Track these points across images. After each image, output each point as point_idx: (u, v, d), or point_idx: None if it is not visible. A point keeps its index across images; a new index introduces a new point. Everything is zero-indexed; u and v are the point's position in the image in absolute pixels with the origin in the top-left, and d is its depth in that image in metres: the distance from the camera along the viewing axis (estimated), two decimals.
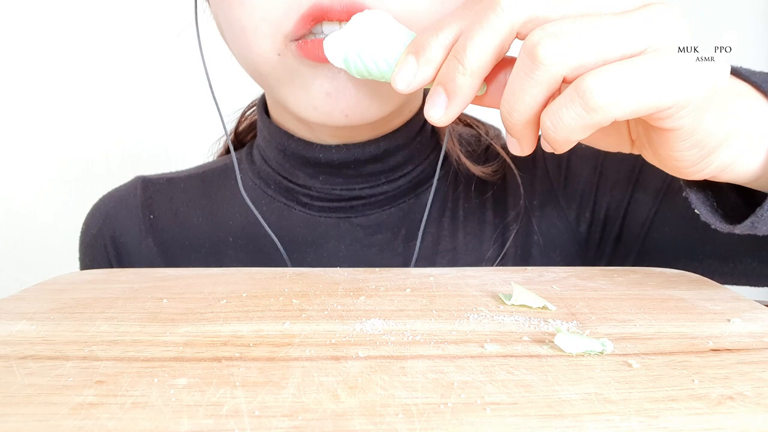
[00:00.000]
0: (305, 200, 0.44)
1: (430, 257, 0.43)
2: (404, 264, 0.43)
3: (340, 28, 0.30)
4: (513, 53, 0.25)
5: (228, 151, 0.52)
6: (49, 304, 0.29)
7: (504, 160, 0.45)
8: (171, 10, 0.47)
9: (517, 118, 0.24)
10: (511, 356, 0.22)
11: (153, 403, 0.19)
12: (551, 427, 0.17)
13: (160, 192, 0.48)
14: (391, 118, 0.41)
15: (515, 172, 0.45)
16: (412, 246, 0.43)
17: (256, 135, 0.49)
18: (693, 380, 0.20)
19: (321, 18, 0.31)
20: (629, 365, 0.21)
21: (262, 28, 0.33)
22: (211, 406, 0.18)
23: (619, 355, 0.22)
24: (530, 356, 0.22)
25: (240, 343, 0.23)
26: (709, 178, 0.28)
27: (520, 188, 0.44)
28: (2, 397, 0.19)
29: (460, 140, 0.47)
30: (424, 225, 0.43)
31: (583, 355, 0.22)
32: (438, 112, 0.25)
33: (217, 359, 0.22)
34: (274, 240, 0.42)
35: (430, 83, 0.26)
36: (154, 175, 0.49)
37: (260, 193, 0.45)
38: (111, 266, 0.46)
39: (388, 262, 0.43)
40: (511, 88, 0.23)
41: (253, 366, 0.21)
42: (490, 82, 0.27)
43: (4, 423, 0.18)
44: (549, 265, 0.42)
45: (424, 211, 0.43)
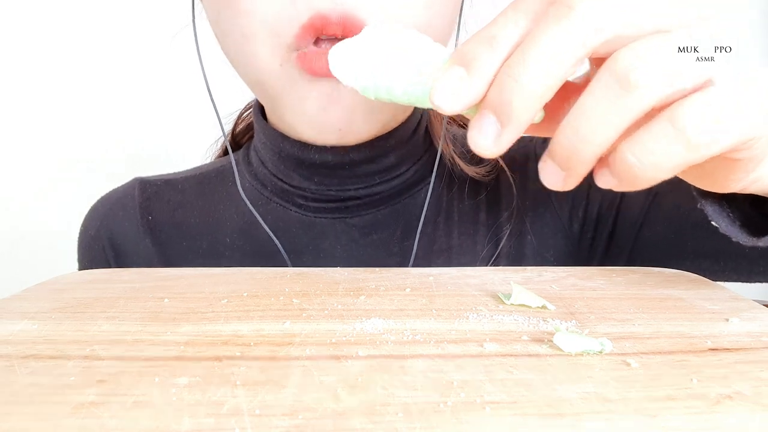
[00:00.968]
0: (301, 201, 0.44)
1: (425, 257, 0.44)
2: (400, 264, 0.43)
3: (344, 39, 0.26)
4: None
5: (225, 152, 0.53)
6: (51, 304, 0.29)
7: (497, 161, 0.46)
8: (171, 11, 0.47)
9: (590, 152, 0.20)
10: (511, 355, 0.22)
11: (154, 403, 0.19)
12: (550, 426, 0.17)
13: (158, 193, 0.48)
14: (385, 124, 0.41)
15: (508, 174, 0.45)
16: (407, 246, 0.43)
17: (253, 136, 0.49)
18: (691, 379, 0.20)
19: (321, 30, 0.32)
20: (628, 364, 0.21)
21: (263, 37, 0.33)
22: (212, 405, 0.18)
23: (618, 355, 0.22)
24: (529, 355, 0.22)
25: (241, 343, 0.24)
26: (739, 191, 0.26)
27: (513, 189, 0.45)
28: (4, 397, 0.19)
29: (454, 141, 0.47)
30: (409, 225, 0.44)
31: (582, 355, 0.22)
32: (487, 143, 0.21)
33: (218, 358, 0.22)
34: (275, 241, 0.43)
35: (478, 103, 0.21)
36: (152, 177, 0.50)
37: (257, 194, 0.45)
38: (109, 267, 0.46)
39: (383, 262, 0.43)
40: (586, 117, 0.19)
41: (254, 365, 0.21)
42: (549, 107, 0.22)
43: (6, 422, 0.18)
44: (542, 265, 0.43)
45: (418, 211, 0.44)
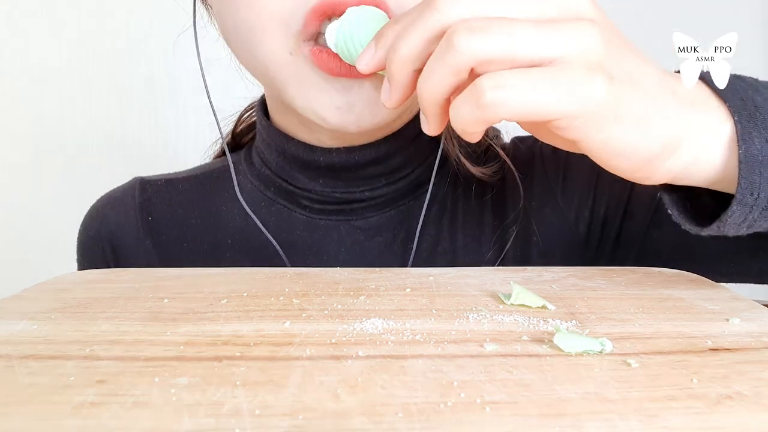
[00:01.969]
0: (305, 203, 0.43)
1: (429, 259, 0.43)
2: (404, 266, 0.43)
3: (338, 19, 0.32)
4: None
5: (224, 153, 0.52)
6: (51, 304, 0.29)
7: (503, 161, 0.45)
8: (171, 13, 0.47)
9: (426, 97, 0.25)
10: (511, 355, 0.22)
11: (154, 403, 0.19)
12: (550, 426, 0.17)
13: (159, 193, 0.47)
14: (391, 121, 0.41)
15: (514, 174, 0.45)
16: (411, 248, 0.43)
17: (255, 137, 0.49)
18: (692, 380, 0.20)
19: (330, 13, 0.32)
20: (628, 365, 0.21)
21: (272, 27, 0.33)
22: (212, 405, 0.18)
23: (618, 355, 0.22)
24: (529, 356, 0.22)
25: (241, 343, 0.24)
26: (668, 183, 0.29)
27: (519, 190, 0.44)
28: (4, 397, 0.19)
29: (460, 141, 0.47)
30: (422, 227, 0.43)
31: (582, 355, 0.22)
32: (384, 97, 0.28)
33: (218, 359, 0.22)
34: (274, 244, 0.42)
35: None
36: (153, 177, 0.49)
37: (259, 195, 0.45)
38: (108, 267, 0.46)
39: (387, 264, 0.43)
40: (427, 68, 0.25)
41: (254, 365, 0.21)
42: None
43: (6, 422, 0.18)
44: (549, 265, 0.42)
45: (422, 214, 0.43)
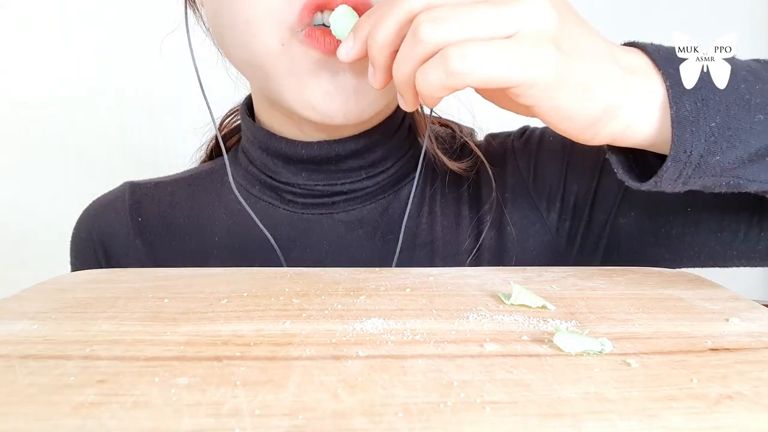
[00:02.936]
0: (289, 197, 0.45)
1: (408, 251, 0.45)
2: (384, 259, 0.44)
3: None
4: None
5: (210, 157, 0.54)
6: (51, 304, 0.29)
7: (478, 156, 0.47)
8: (171, 12, 0.48)
9: (400, 78, 0.29)
10: (511, 355, 0.22)
11: (154, 403, 0.19)
12: (550, 426, 0.17)
13: (148, 195, 0.49)
14: (374, 114, 0.42)
15: (487, 167, 0.46)
16: (391, 240, 0.45)
17: (239, 140, 0.50)
18: (692, 380, 0.20)
19: (322, 7, 0.33)
20: (628, 365, 0.21)
21: (267, 19, 0.34)
22: (212, 405, 0.18)
23: (618, 355, 0.22)
24: (529, 356, 0.22)
25: (241, 343, 0.24)
26: (609, 143, 0.32)
27: (492, 183, 0.46)
28: (3, 397, 0.19)
29: (437, 138, 0.48)
30: (391, 219, 0.45)
31: (582, 355, 0.22)
32: (370, 78, 0.31)
33: (218, 358, 0.22)
34: (269, 238, 0.43)
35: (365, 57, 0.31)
36: (142, 180, 0.51)
37: (245, 194, 0.46)
38: (100, 268, 0.47)
39: (368, 257, 0.44)
40: (400, 55, 0.28)
41: (254, 365, 0.21)
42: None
43: (6, 422, 0.18)
44: (523, 255, 0.45)
45: (402, 207, 0.45)
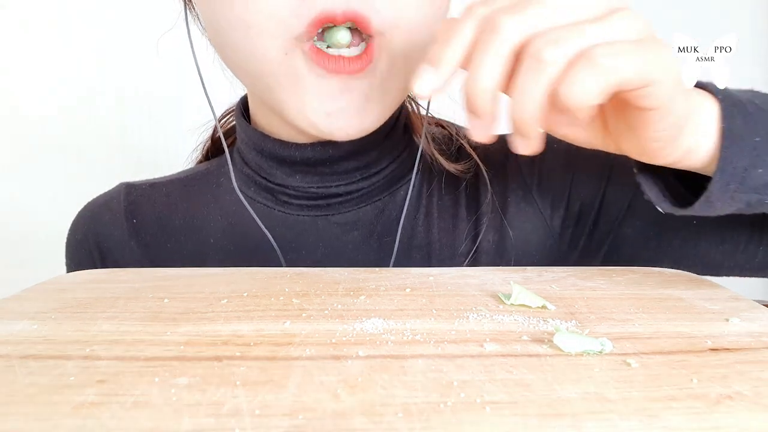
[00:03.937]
0: (284, 199, 0.44)
1: (405, 252, 0.44)
2: (380, 261, 0.44)
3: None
4: None
5: (206, 158, 0.54)
6: (51, 304, 0.29)
7: (475, 158, 0.47)
8: (171, 12, 0.48)
9: (527, 118, 0.25)
10: (511, 355, 0.22)
11: (154, 403, 0.19)
12: (550, 426, 0.17)
13: (143, 196, 0.49)
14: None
15: (483, 170, 0.46)
16: (387, 242, 0.44)
17: (233, 143, 0.50)
18: (692, 380, 0.20)
19: (330, 22, 0.33)
20: (628, 365, 0.21)
21: (269, 26, 0.33)
22: (212, 405, 0.18)
23: (618, 355, 0.22)
24: (529, 355, 0.22)
25: (241, 343, 0.24)
26: (673, 163, 0.31)
27: (489, 185, 0.46)
28: (4, 397, 0.19)
29: (434, 139, 0.48)
30: (387, 221, 0.45)
31: (582, 355, 0.22)
32: (479, 134, 0.28)
33: (218, 359, 0.22)
34: (269, 238, 0.43)
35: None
36: (138, 181, 0.51)
37: (240, 194, 0.46)
38: (96, 269, 0.47)
39: (364, 259, 0.44)
40: (522, 90, 0.25)
41: (254, 365, 0.21)
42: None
43: (6, 422, 0.18)
44: (523, 258, 0.44)
45: (398, 209, 0.45)
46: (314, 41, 0.34)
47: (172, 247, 0.47)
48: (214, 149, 0.53)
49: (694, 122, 0.30)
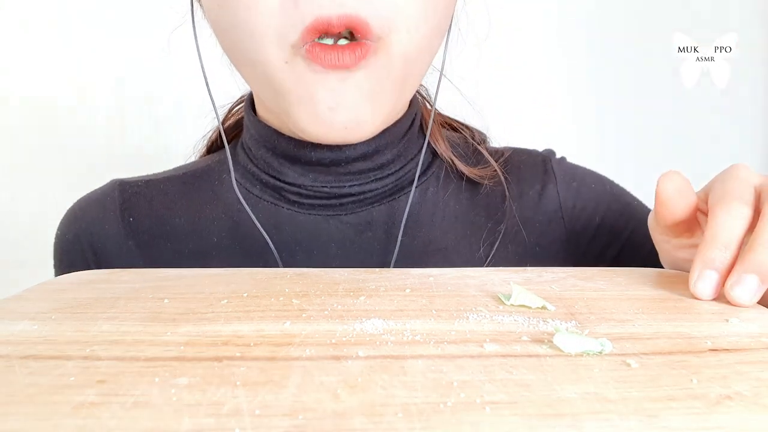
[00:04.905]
0: (294, 198, 0.44)
1: (421, 257, 0.44)
2: (390, 262, 0.44)
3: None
4: None
5: (209, 151, 0.53)
6: (51, 304, 0.29)
7: (497, 164, 0.47)
8: (173, 14, 0.48)
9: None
10: (511, 356, 0.22)
11: (154, 403, 0.19)
12: (550, 426, 0.17)
13: (139, 194, 0.47)
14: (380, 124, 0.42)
15: (502, 180, 0.46)
16: (402, 243, 0.44)
17: (239, 135, 0.48)
18: (691, 380, 0.20)
19: (324, 32, 0.33)
20: (628, 365, 0.21)
21: (270, 34, 0.33)
22: (212, 405, 0.18)
23: (618, 355, 0.22)
24: (529, 356, 0.22)
25: (241, 343, 0.24)
26: None
27: (507, 191, 0.46)
28: (3, 397, 0.19)
29: (451, 144, 0.47)
30: (415, 225, 0.44)
31: (582, 355, 0.22)
32: (749, 296, 0.28)
33: (218, 359, 0.22)
34: (267, 240, 0.42)
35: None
36: (131, 178, 0.49)
37: (245, 193, 0.45)
38: (90, 270, 0.46)
39: (377, 260, 0.44)
40: None
41: (254, 365, 0.21)
42: None
43: (5, 422, 0.18)
44: (538, 266, 0.44)
45: (411, 210, 0.45)
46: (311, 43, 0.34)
47: (173, 248, 0.45)
48: (220, 141, 0.52)
49: None
